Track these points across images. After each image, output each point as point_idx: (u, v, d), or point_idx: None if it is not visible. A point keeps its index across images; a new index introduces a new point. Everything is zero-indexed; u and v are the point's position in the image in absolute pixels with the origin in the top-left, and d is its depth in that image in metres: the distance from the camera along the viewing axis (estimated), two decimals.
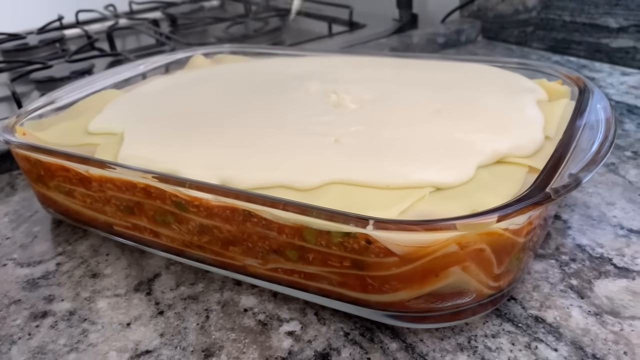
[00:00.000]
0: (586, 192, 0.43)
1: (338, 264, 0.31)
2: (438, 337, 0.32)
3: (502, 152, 0.34)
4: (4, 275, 0.41)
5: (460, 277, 0.29)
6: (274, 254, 0.33)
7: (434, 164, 0.33)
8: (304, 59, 0.57)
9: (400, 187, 0.32)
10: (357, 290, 0.31)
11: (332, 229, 0.30)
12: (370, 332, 0.33)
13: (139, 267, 0.40)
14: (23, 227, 0.47)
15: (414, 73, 0.48)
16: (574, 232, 0.39)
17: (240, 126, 0.42)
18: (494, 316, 0.33)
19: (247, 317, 0.35)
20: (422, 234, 0.27)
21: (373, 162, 0.34)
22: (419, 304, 0.31)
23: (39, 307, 0.37)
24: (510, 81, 0.44)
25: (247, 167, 0.36)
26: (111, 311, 0.36)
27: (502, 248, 0.29)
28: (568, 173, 0.30)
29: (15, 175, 0.57)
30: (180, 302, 0.36)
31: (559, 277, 0.35)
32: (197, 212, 0.35)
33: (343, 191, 0.33)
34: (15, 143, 0.42)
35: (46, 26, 1.10)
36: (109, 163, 0.37)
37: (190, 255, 0.38)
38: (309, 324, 0.34)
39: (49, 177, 0.42)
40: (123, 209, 0.39)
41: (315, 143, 0.37)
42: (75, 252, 0.43)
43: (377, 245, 0.29)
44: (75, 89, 0.54)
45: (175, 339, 0.33)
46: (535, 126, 0.36)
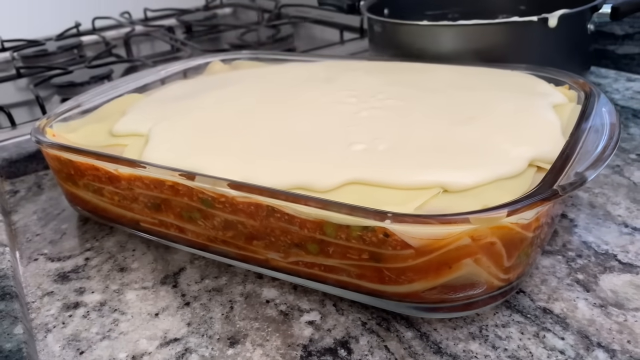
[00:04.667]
0: (592, 192, 0.45)
1: (357, 257, 0.33)
2: (451, 327, 0.34)
3: (529, 157, 0.35)
4: (36, 269, 0.43)
5: (472, 269, 0.31)
6: (295, 248, 0.35)
7: (451, 166, 0.35)
8: (321, 64, 0.59)
9: (416, 187, 0.34)
10: (374, 281, 0.33)
11: (351, 223, 0.32)
12: (386, 322, 0.34)
13: (164, 262, 0.42)
14: (52, 225, 0.49)
15: (431, 77, 0.49)
16: (580, 230, 0.41)
17: (261, 129, 0.44)
18: (503, 307, 0.34)
19: (269, 307, 0.37)
20: (438, 226, 0.29)
21: (389, 163, 0.36)
22: (433, 295, 0.32)
23: (71, 299, 0.39)
24: (527, 84, 0.46)
25: (267, 169, 0.38)
26: (140, 302, 0.38)
27: (511, 242, 0.31)
28: (574, 172, 0.32)
29: (41, 175, 0.60)
30: (205, 294, 0.38)
31: (565, 272, 0.37)
32: (222, 208, 0.37)
33: (359, 191, 0.35)
34: (47, 143, 0.45)
35: (64, 33, 1.13)
36: (141, 163, 0.39)
37: (214, 250, 0.40)
38: (328, 314, 0.36)
39: (79, 176, 0.44)
40: (150, 206, 0.41)
41: (332, 146, 0.39)
42: (103, 248, 0.45)
43: (394, 238, 0.31)
44: (99, 93, 0.57)
45: (201, 327, 0.35)
46: (557, 131, 0.38)
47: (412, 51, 0.57)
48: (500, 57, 0.54)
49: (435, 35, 0.56)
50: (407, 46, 0.58)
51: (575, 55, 0.57)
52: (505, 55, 0.55)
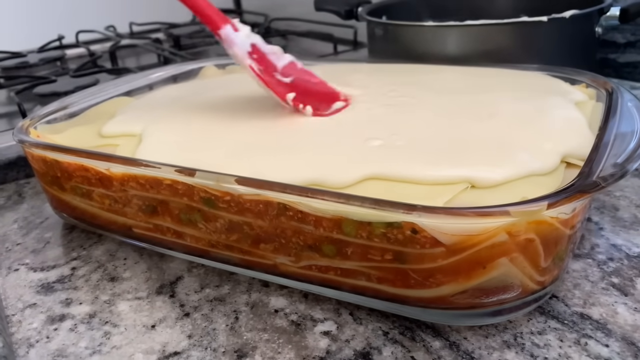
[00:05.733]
0: (613, 195, 0.43)
1: (379, 258, 0.30)
2: (482, 335, 0.30)
3: (561, 152, 0.33)
4: (17, 279, 0.39)
5: (508, 270, 0.28)
6: (308, 250, 0.32)
7: (478, 161, 0.32)
8: (321, 66, 0.56)
9: (441, 183, 0.31)
10: (397, 285, 0.30)
11: (374, 220, 0.29)
12: (410, 330, 0.31)
13: (159, 271, 0.39)
14: (34, 233, 0.46)
15: (441, 77, 0.47)
16: (607, 232, 0.38)
17: (266, 128, 0.41)
18: (537, 314, 0.32)
19: (279, 317, 0.33)
20: (474, 219, 0.26)
21: (410, 158, 0.33)
22: (463, 299, 0.29)
23: (56, 311, 0.36)
24: (544, 84, 0.44)
25: (275, 165, 0.35)
26: (134, 313, 0.35)
27: (550, 239, 0.29)
28: (612, 163, 0.30)
29: (22, 184, 0.56)
30: (207, 303, 0.35)
31: (598, 276, 0.34)
32: (227, 208, 0.33)
33: (379, 187, 0.32)
34: (32, 143, 0.41)
35: (46, 45, 1.09)
36: (141, 160, 0.36)
37: (215, 256, 0.37)
38: (344, 323, 0.32)
39: (66, 178, 0.41)
40: (145, 209, 0.38)
41: (347, 141, 0.36)
42: (91, 257, 0.41)
43: (423, 235, 0.28)
44: (87, 95, 0.54)
45: (204, 340, 0.32)
46: (584, 126, 0.36)
47: (416, 54, 0.55)
48: (507, 59, 0.52)
49: (441, 37, 0.54)
50: (411, 49, 0.56)
51: (582, 59, 0.56)
52: (511, 57, 0.53)
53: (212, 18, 0.44)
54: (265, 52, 0.45)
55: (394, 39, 0.58)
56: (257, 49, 0.45)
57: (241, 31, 0.44)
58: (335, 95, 0.45)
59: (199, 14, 0.44)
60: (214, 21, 0.44)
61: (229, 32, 0.44)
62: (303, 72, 0.47)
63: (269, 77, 0.44)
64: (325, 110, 0.44)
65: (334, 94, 0.46)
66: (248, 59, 0.44)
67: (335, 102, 0.44)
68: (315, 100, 0.44)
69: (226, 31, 0.44)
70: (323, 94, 0.45)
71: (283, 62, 0.46)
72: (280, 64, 0.46)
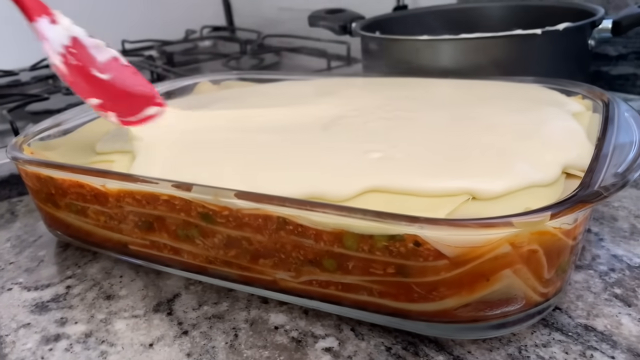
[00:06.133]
0: (612, 206, 0.43)
1: (381, 272, 0.29)
2: (486, 349, 0.30)
3: (562, 163, 0.33)
4: (10, 299, 0.39)
5: (511, 282, 0.28)
6: (308, 265, 0.32)
7: (479, 173, 0.32)
8: (315, 81, 0.57)
9: (442, 195, 0.31)
10: (400, 299, 0.30)
11: (376, 232, 0.28)
12: (413, 345, 0.31)
13: (156, 288, 0.38)
14: (27, 252, 0.45)
15: (437, 91, 0.47)
16: (607, 243, 0.38)
17: (262, 143, 0.40)
18: (541, 326, 0.31)
19: (279, 334, 0.33)
20: (478, 230, 0.26)
21: (411, 170, 0.33)
22: (467, 312, 0.29)
23: (51, 331, 0.35)
24: (540, 95, 0.44)
25: (274, 179, 0.34)
26: (130, 332, 0.34)
27: (553, 250, 0.28)
28: (613, 173, 0.30)
29: (14, 202, 0.55)
30: (205, 321, 0.34)
31: (601, 287, 0.34)
32: (225, 223, 0.33)
33: (380, 199, 0.32)
34: (25, 160, 0.41)
35: (38, 63, 1.09)
36: (139, 176, 0.35)
37: (213, 273, 0.36)
38: (346, 339, 0.32)
39: (60, 195, 0.40)
40: (141, 225, 0.37)
41: (346, 154, 0.36)
42: (86, 275, 0.41)
43: (426, 247, 0.27)
44: (81, 112, 0.53)
45: (203, 358, 0.31)
46: (582, 137, 0.36)
47: (411, 68, 0.55)
48: (502, 72, 0.53)
49: (436, 50, 0.54)
50: (406, 63, 0.56)
51: (576, 71, 0.56)
52: (506, 70, 0.53)
53: (27, 6, 0.41)
54: (86, 45, 0.43)
55: (389, 53, 0.58)
56: (78, 42, 0.43)
57: (60, 24, 0.42)
58: (150, 98, 0.44)
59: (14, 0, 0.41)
60: (29, 10, 0.41)
61: (42, 25, 0.42)
62: (124, 70, 0.45)
63: (77, 75, 0.42)
64: (134, 115, 0.43)
65: (149, 97, 0.45)
66: (58, 55, 0.42)
67: (149, 106, 0.44)
68: (125, 104, 0.43)
69: (40, 24, 0.41)
70: (137, 97, 0.44)
71: (105, 57, 0.44)
72: (102, 58, 0.44)
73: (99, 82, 0.43)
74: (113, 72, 0.44)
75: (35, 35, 0.42)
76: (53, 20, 0.42)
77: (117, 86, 0.44)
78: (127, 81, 0.45)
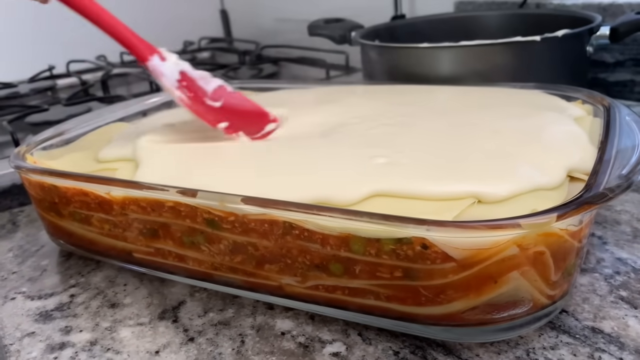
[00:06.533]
0: (614, 210, 0.43)
1: (388, 275, 0.29)
2: (494, 352, 0.30)
3: (567, 167, 0.33)
4: (14, 308, 0.38)
5: (519, 284, 0.28)
6: (315, 270, 0.32)
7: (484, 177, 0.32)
8: (316, 89, 0.57)
9: (448, 198, 0.31)
10: (407, 303, 0.30)
11: (383, 236, 0.28)
12: (421, 349, 0.31)
13: (160, 296, 0.38)
14: (30, 262, 0.45)
15: (438, 97, 0.48)
16: (611, 247, 0.38)
17: (266, 150, 0.41)
18: (548, 329, 0.31)
19: (286, 340, 0.32)
20: (486, 232, 0.26)
21: (417, 174, 0.33)
22: (474, 315, 0.29)
23: (56, 339, 0.35)
24: (541, 101, 0.44)
25: (280, 184, 0.34)
26: (136, 340, 0.34)
27: (560, 251, 0.28)
28: (617, 175, 0.30)
29: (15, 212, 0.55)
30: (211, 328, 0.34)
31: (606, 290, 0.34)
32: (231, 229, 0.33)
33: (386, 203, 0.32)
34: (29, 168, 0.41)
35: (37, 75, 1.09)
36: (145, 183, 0.35)
37: (218, 279, 0.36)
38: (353, 344, 0.32)
39: (64, 204, 0.40)
40: (146, 233, 0.37)
41: (351, 160, 0.36)
42: (90, 284, 0.40)
43: (434, 250, 0.27)
44: (83, 122, 0.53)
45: None
46: (585, 140, 0.36)
47: (411, 75, 0.56)
48: (501, 78, 0.53)
49: (436, 58, 0.54)
50: (406, 71, 0.56)
51: (575, 78, 0.56)
52: (506, 76, 0.54)
53: (139, 48, 0.44)
54: (194, 77, 0.45)
55: (389, 61, 0.59)
56: (186, 76, 0.45)
57: (169, 60, 0.45)
58: (265, 116, 0.46)
59: (125, 44, 0.44)
60: (140, 52, 0.44)
61: (156, 63, 0.44)
62: (232, 95, 0.47)
63: (199, 105, 0.45)
64: (257, 133, 0.44)
65: (263, 115, 0.46)
66: (177, 89, 0.44)
67: (267, 123, 0.45)
68: (246, 123, 0.45)
69: (153, 62, 0.44)
70: (254, 116, 0.46)
71: (212, 86, 0.46)
72: (210, 88, 0.46)
73: (216, 110, 0.45)
74: (223, 99, 0.46)
75: (151, 74, 0.44)
76: (162, 57, 0.45)
77: (231, 110, 0.46)
78: (238, 105, 0.47)
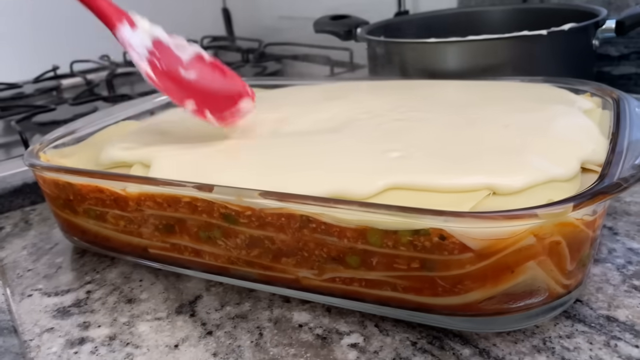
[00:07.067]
0: (624, 201, 0.43)
1: (405, 266, 0.30)
2: (511, 341, 0.30)
3: (580, 158, 0.33)
4: (31, 305, 0.39)
5: (535, 273, 0.29)
6: (332, 262, 0.32)
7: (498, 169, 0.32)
8: (324, 85, 0.57)
9: (463, 190, 0.31)
10: (424, 294, 0.30)
11: (401, 227, 0.29)
12: (438, 340, 0.31)
13: (177, 291, 0.38)
14: (44, 259, 0.45)
15: (447, 92, 0.48)
16: (622, 237, 0.39)
17: (279, 146, 0.41)
18: (563, 318, 0.32)
19: (304, 332, 0.33)
20: (503, 222, 0.26)
21: (431, 168, 0.33)
22: (491, 305, 0.29)
23: (75, 334, 0.35)
24: (550, 94, 0.44)
25: (296, 180, 0.35)
26: (155, 334, 0.34)
27: (575, 241, 0.29)
28: (630, 165, 0.30)
29: (27, 211, 0.55)
30: (229, 321, 0.35)
31: (619, 279, 0.34)
32: (247, 224, 0.33)
33: (402, 196, 0.32)
34: (44, 166, 0.41)
35: (41, 76, 1.09)
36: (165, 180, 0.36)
37: (234, 273, 0.36)
38: (371, 335, 0.32)
39: (79, 201, 0.40)
40: (162, 228, 0.37)
41: (365, 154, 0.36)
42: (105, 280, 0.41)
43: (451, 241, 0.28)
44: (93, 120, 0.54)
45: (230, 357, 0.31)
46: (596, 132, 0.37)
47: (418, 71, 0.56)
48: (508, 72, 0.54)
49: (443, 53, 0.55)
50: (413, 66, 0.57)
51: (581, 71, 0.57)
52: (512, 71, 0.54)
53: (105, 13, 0.40)
54: (169, 45, 0.42)
55: (396, 57, 0.59)
56: (161, 44, 0.42)
57: (140, 26, 0.42)
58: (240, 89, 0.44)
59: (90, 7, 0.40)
60: (107, 18, 0.40)
61: (124, 32, 0.41)
62: (209, 66, 0.44)
63: (167, 80, 0.42)
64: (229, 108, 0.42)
65: (240, 91, 0.44)
66: (146, 60, 0.41)
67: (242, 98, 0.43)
68: (218, 98, 0.42)
69: (121, 32, 0.41)
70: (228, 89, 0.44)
71: (189, 54, 0.43)
72: (186, 56, 0.43)
73: (188, 84, 0.42)
74: (199, 69, 0.43)
75: (120, 44, 0.41)
76: (133, 24, 0.41)
77: (206, 84, 0.43)
78: (214, 76, 0.44)
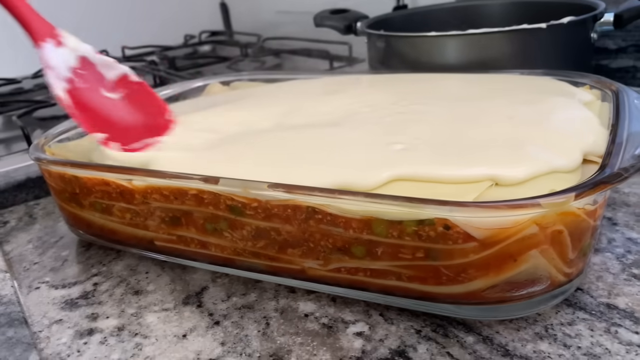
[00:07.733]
0: (623, 192, 0.44)
1: (410, 256, 0.30)
2: (513, 328, 0.31)
3: (582, 149, 0.34)
4: (39, 297, 0.39)
5: (538, 262, 0.29)
6: (337, 253, 0.33)
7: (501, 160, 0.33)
8: (326, 79, 0.58)
9: (466, 181, 0.32)
10: (429, 283, 0.31)
11: (406, 218, 0.29)
12: (442, 328, 0.32)
13: (183, 282, 0.39)
14: (50, 252, 0.45)
15: (448, 85, 0.48)
16: (621, 227, 0.39)
17: (283, 139, 0.41)
18: (564, 306, 0.32)
19: (310, 321, 0.33)
20: (507, 212, 0.27)
21: (435, 159, 0.34)
22: (494, 293, 0.30)
23: (84, 326, 0.35)
24: (550, 86, 0.45)
25: (302, 172, 0.35)
26: (163, 324, 0.35)
27: (577, 230, 0.29)
28: (631, 155, 0.31)
29: (31, 205, 0.55)
30: (235, 311, 0.35)
31: (619, 268, 0.35)
32: (254, 215, 0.34)
33: (406, 188, 0.33)
34: (50, 160, 0.41)
35: (40, 71, 1.09)
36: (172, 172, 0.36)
37: (241, 265, 0.37)
38: (376, 324, 0.33)
39: (85, 194, 0.41)
40: (168, 220, 0.38)
41: (369, 147, 0.37)
42: (112, 272, 0.41)
43: (456, 230, 0.28)
44: None
45: (238, 346, 0.32)
46: (596, 124, 0.37)
47: (419, 64, 0.57)
48: (508, 65, 0.54)
49: (443, 46, 0.55)
50: (413, 60, 0.57)
51: (580, 64, 0.57)
52: (512, 64, 0.54)
53: (32, 26, 0.39)
54: (95, 63, 0.43)
55: (396, 50, 0.60)
56: (87, 62, 0.42)
57: (67, 45, 0.41)
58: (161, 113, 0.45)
59: (19, 18, 0.39)
60: (34, 32, 0.40)
61: (47, 51, 0.40)
62: (134, 86, 0.45)
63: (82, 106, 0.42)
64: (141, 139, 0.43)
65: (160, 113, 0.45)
66: (62, 82, 0.41)
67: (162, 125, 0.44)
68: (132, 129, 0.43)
69: (43, 50, 0.40)
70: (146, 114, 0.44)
71: (114, 74, 0.44)
72: (112, 75, 0.43)
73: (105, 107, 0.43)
74: (122, 89, 0.44)
75: (40, 62, 0.41)
76: (59, 42, 0.41)
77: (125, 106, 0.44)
78: (137, 98, 0.45)
